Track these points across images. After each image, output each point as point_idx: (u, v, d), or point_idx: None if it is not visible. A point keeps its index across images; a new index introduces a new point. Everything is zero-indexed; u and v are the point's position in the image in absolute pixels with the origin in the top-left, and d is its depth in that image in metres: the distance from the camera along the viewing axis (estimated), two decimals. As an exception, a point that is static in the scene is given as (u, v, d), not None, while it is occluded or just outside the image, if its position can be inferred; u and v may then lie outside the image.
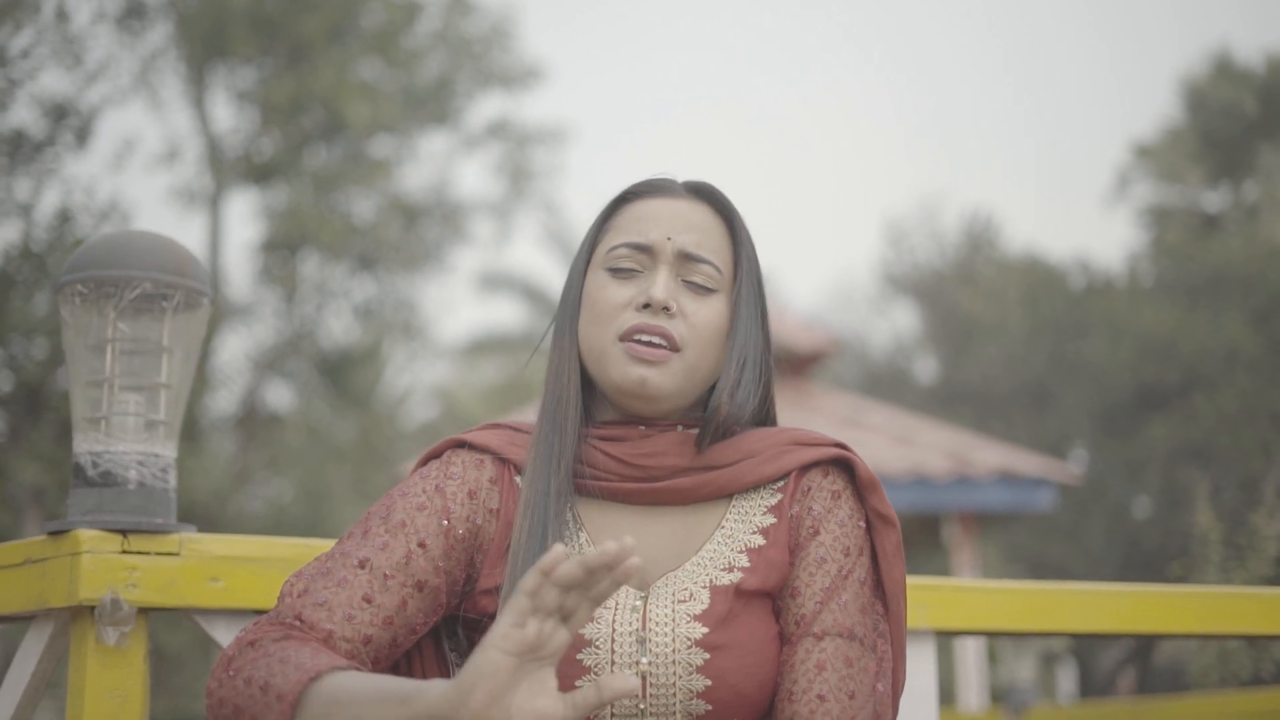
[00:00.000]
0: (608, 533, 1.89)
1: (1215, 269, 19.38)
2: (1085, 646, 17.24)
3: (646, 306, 1.87)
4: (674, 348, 1.87)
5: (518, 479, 1.92)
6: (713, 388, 1.95)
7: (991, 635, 2.86)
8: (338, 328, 17.98)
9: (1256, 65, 23.06)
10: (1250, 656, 7.51)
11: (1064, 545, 18.24)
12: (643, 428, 1.91)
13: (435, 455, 1.97)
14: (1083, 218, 51.31)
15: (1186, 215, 23.09)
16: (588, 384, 1.96)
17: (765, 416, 2.01)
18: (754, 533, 1.88)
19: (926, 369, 26.02)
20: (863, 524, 1.92)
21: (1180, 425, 17.64)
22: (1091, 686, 18.16)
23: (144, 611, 2.25)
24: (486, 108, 18.95)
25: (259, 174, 16.64)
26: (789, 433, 1.95)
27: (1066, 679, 17.45)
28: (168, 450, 2.34)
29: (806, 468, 1.93)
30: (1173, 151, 23.24)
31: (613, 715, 1.78)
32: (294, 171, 16.63)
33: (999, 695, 11.79)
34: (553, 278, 23.23)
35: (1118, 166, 24.47)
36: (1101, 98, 52.89)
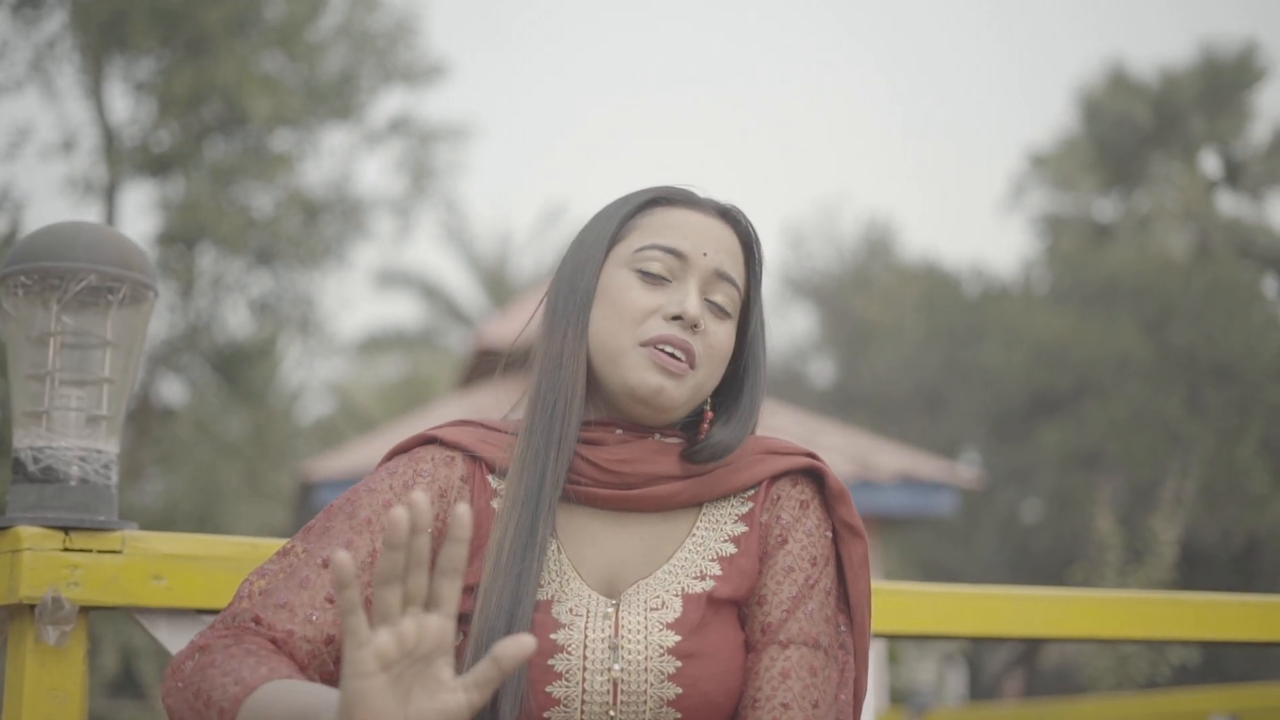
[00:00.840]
0: (578, 538, 1.87)
1: (1108, 277, 19.66)
2: (975, 649, 17.43)
3: (676, 319, 1.86)
4: (692, 365, 1.86)
5: (490, 478, 1.90)
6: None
7: (929, 638, 2.88)
8: (234, 322, 17.79)
9: (1150, 77, 23.41)
10: (1148, 660, 7.65)
11: (956, 549, 18.43)
12: (620, 432, 1.90)
13: (403, 451, 1.93)
14: (979, 225, 51.89)
15: (1080, 224, 23.40)
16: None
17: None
18: (725, 541, 1.88)
19: (823, 372, 26.17)
20: (829, 534, 1.92)
21: (1072, 431, 17.87)
22: (979, 689, 18.36)
23: (85, 610, 2.21)
24: (389, 103, 18.82)
25: (156, 165, 16.41)
26: (761, 441, 1.96)
27: (956, 681, 17.64)
28: (110, 446, 2.30)
29: (776, 477, 1.93)
30: (1068, 160, 23.55)
31: (582, 719, 1.77)
32: (192, 164, 16.40)
33: (898, 697, 11.88)
34: (450, 275, 23.17)
35: (1013, 175, 24.75)
36: (999, 106, 53.51)
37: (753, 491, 1.92)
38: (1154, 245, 21.52)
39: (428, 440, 1.93)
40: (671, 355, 1.84)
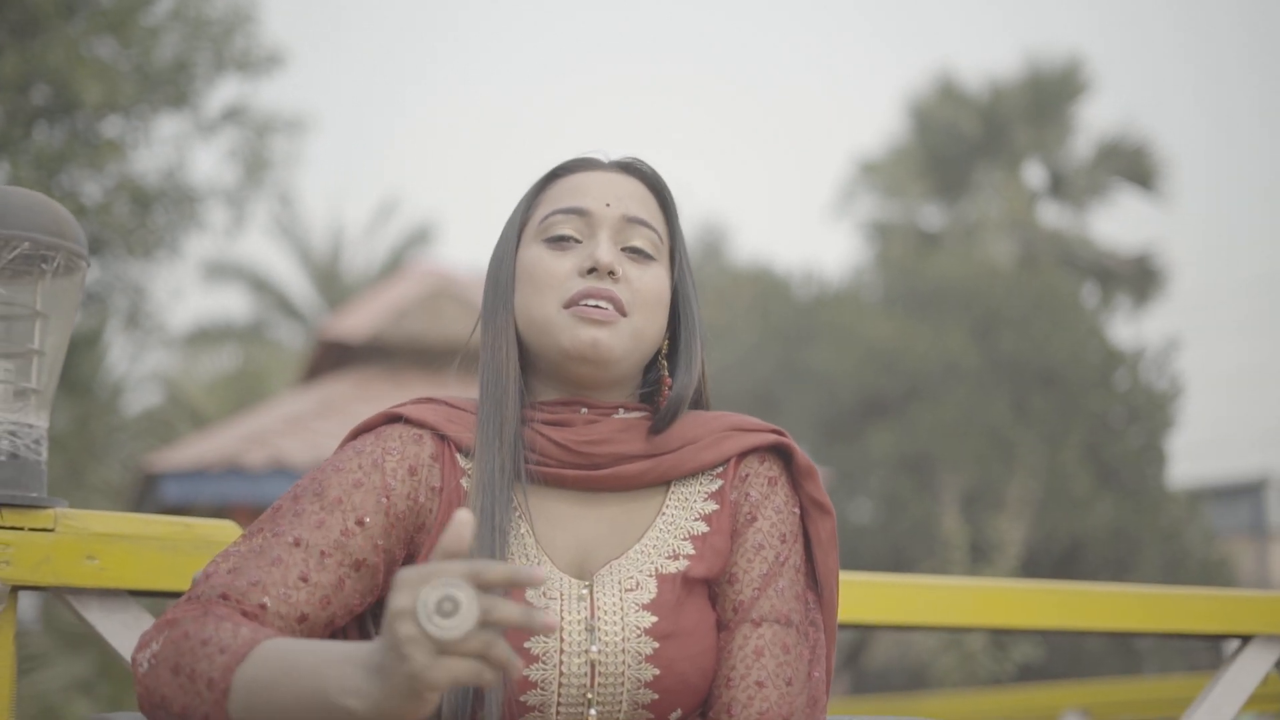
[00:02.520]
0: (548, 520, 1.85)
1: (936, 284, 19.97)
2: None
3: (591, 271, 1.84)
4: (621, 312, 1.84)
5: (459, 456, 1.87)
6: (649, 365, 1.94)
7: (864, 628, 2.89)
8: (59, 312, 17.37)
9: (978, 88, 23.84)
10: (992, 657, 7.80)
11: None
12: (585, 411, 1.88)
13: (368, 429, 1.90)
14: (811, 229, 52.52)
15: (908, 231, 23.75)
16: (527, 364, 1.92)
17: (700, 392, 2.00)
18: (697, 519, 1.88)
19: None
20: (798, 510, 1.92)
21: (901, 434, 18.13)
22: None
23: (15, 590, 2.14)
24: (224, 92, 18.47)
25: (-19, 149, 15.99)
26: (727, 418, 1.95)
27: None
28: (40, 421, 2.22)
29: (744, 453, 1.92)
30: (897, 168, 23.89)
31: (559, 705, 1.75)
32: (20, 149, 16.00)
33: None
34: (282, 270, 22.88)
35: (843, 180, 25.07)
36: (831, 111, 54.21)
37: (721, 469, 1.91)
38: (980, 253, 21.92)
39: (393, 418, 1.90)
40: (595, 306, 1.82)
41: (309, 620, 1.73)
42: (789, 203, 52.53)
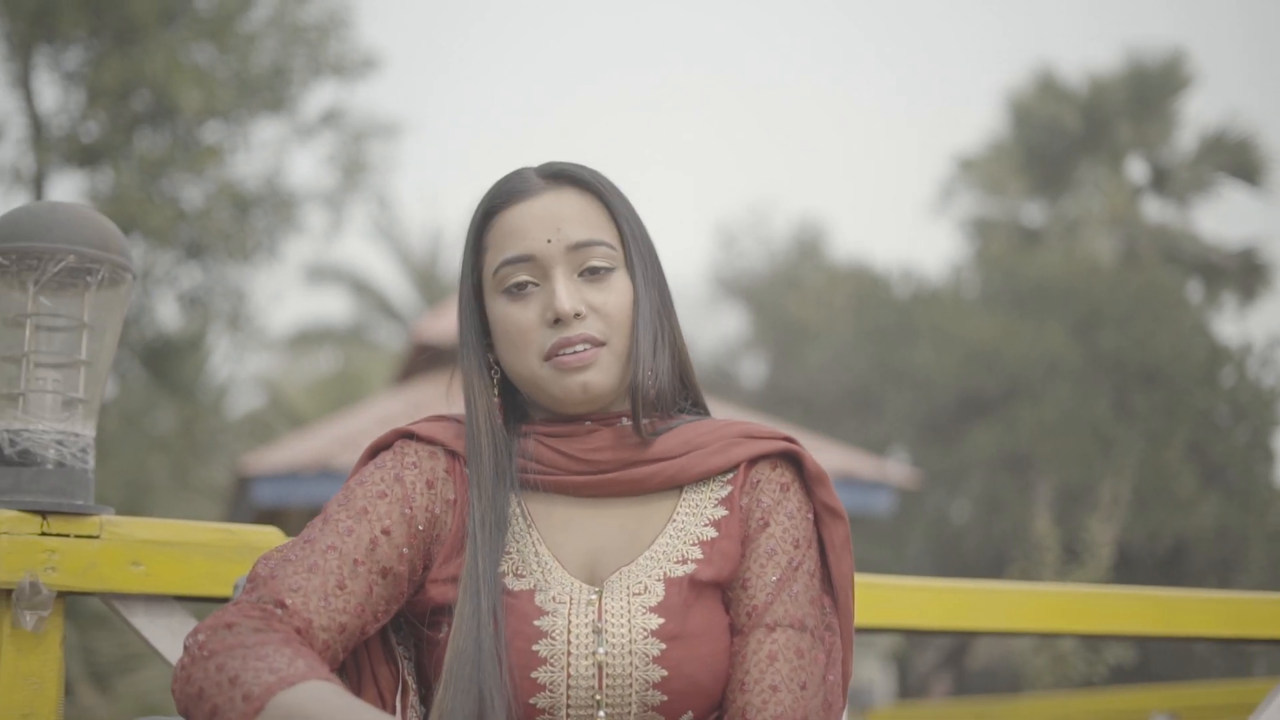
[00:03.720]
0: (557, 527, 1.88)
1: (1036, 281, 19.78)
2: (905, 648, 17.53)
3: (558, 321, 1.86)
4: (599, 343, 1.87)
5: (468, 470, 1.91)
6: None
7: (904, 632, 2.88)
8: (163, 315, 17.63)
9: (1078, 83, 23.57)
10: (1084, 659, 7.73)
11: (886, 549, 18.51)
12: (589, 423, 1.90)
13: (384, 446, 1.94)
14: (909, 227, 52.20)
15: (1008, 228, 23.52)
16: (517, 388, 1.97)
17: (690, 388, 2.00)
18: (706, 525, 1.89)
19: (753, 373, 26.23)
20: (810, 516, 1.93)
21: (1001, 433, 17.97)
22: (908, 689, 18.46)
23: (62, 595, 2.18)
24: (321, 97, 18.66)
25: (85, 156, 16.25)
26: (737, 425, 1.96)
27: (885, 680, 17.73)
28: (87, 430, 2.26)
29: (754, 460, 1.93)
30: (996, 164, 23.66)
31: (569, 707, 1.76)
32: (121, 155, 16.26)
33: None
34: (381, 271, 23.05)
35: (942, 178, 24.87)
36: (928, 109, 53.86)
37: (731, 474, 1.93)
38: (1081, 250, 21.67)
39: (406, 435, 1.94)
40: (572, 353, 1.85)
41: (347, 630, 1.77)
42: (887, 201, 52.26)
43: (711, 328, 27.69)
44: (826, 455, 10.95)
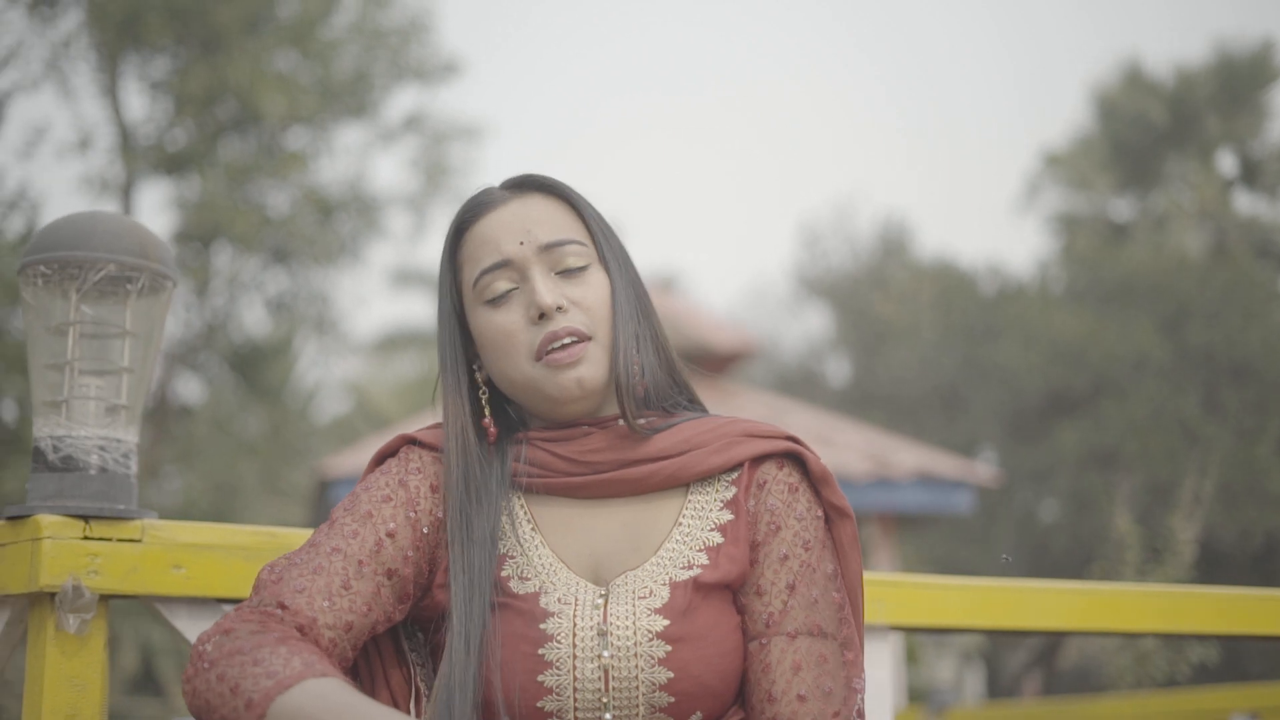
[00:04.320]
0: (560, 529, 1.90)
1: (1124, 277, 19.60)
2: (993, 649, 17.40)
3: (542, 317, 1.88)
4: (585, 338, 1.88)
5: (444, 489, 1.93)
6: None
7: (952, 631, 2.86)
8: (250, 321, 17.82)
9: (1165, 76, 23.33)
10: (1166, 658, 7.63)
11: (974, 548, 18.41)
12: (584, 426, 1.92)
13: (390, 453, 1.97)
14: (994, 224, 51.83)
15: (1095, 223, 23.33)
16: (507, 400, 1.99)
17: (681, 385, 2.00)
18: (712, 529, 1.89)
19: (838, 371, 26.16)
20: (821, 515, 1.93)
21: (1089, 431, 17.82)
22: (998, 688, 18.32)
23: (105, 599, 2.21)
24: (403, 101, 18.79)
25: (172, 164, 16.44)
26: (738, 423, 1.96)
27: (974, 681, 17.59)
28: (129, 435, 2.30)
29: (758, 460, 1.93)
30: (1082, 160, 23.47)
31: (576, 710, 1.77)
32: (207, 162, 16.43)
33: (917, 695, 11.86)
34: (466, 275, 23.10)
35: (1028, 174, 24.70)
36: (1013, 105, 53.45)
37: (735, 474, 1.93)
38: (1170, 245, 21.45)
39: (410, 441, 1.97)
40: (562, 348, 1.87)
41: (355, 629, 1.79)
42: (973, 198, 51.91)
43: (796, 328, 27.65)
44: (906, 455, 10.91)
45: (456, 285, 1.97)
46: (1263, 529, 16.43)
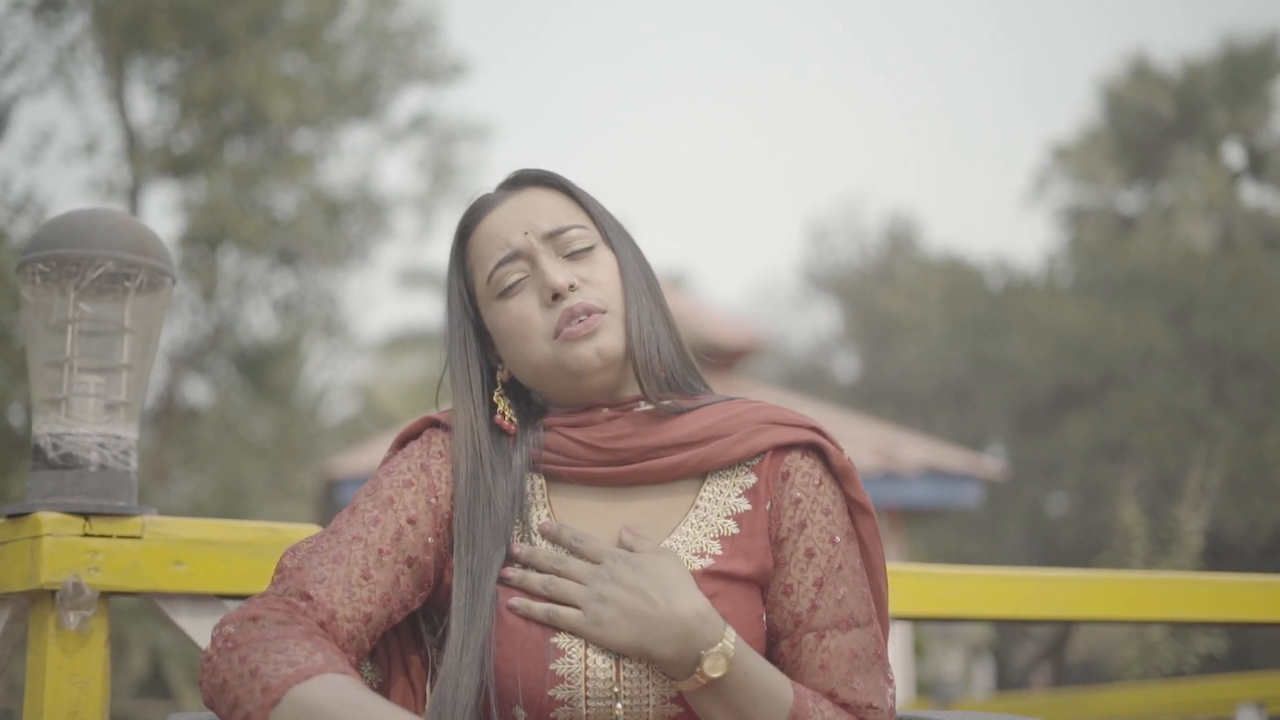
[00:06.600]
0: (580, 518, 1.89)
1: (1132, 269, 19.57)
2: (1002, 641, 17.39)
3: (555, 298, 1.88)
4: (599, 311, 1.88)
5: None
6: None
7: (958, 621, 2.87)
8: (257, 323, 17.83)
9: (1172, 69, 23.31)
10: (1173, 649, 7.63)
11: (982, 541, 18.40)
12: (606, 410, 1.91)
13: (414, 435, 1.96)
14: (1001, 218, 51.80)
15: (1103, 216, 23.30)
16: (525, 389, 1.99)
17: (687, 359, 1.99)
18: (728, 518, 1.88)
19: (846, 367, 26.15)
20: (845, 509, 1.91)
21: (1097, 423, 17.80)
22: (1007, 681, 18.32)
23: (105, 595, 2.22)
24: (410, 102, 18.76)
25: (178, 167, 16.45)
26: (762, 409, 1.94)
27: (983, 674, 17.58)
28: (129, 432, 2.31)
29: (780, 449, 1.92)
30: (1090, 153, 23.44)
31: (588, 699, 1.77)
32: (214, 165, 16.44)
33: (924, 688, 11.86)
34: (474, 274, 23.10)
35: (1035, 167, 24.68)
36: (1020, 99, 53.41)
37: (756, 462, 1.91)
38: (1178, 237, 21.42)
39: (433, 423, 1.97)
40: (578, 323, 1.86)
41: (373, 620, 1.79)
42: (980, 192, 51.84)
43: (804, 323, 27.64)
44: (913, 449, 10.91)
45: (468, 288, 1.98)
46: (1270, 520, 16.40)
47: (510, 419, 1.94)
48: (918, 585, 2.68)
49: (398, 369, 22.34)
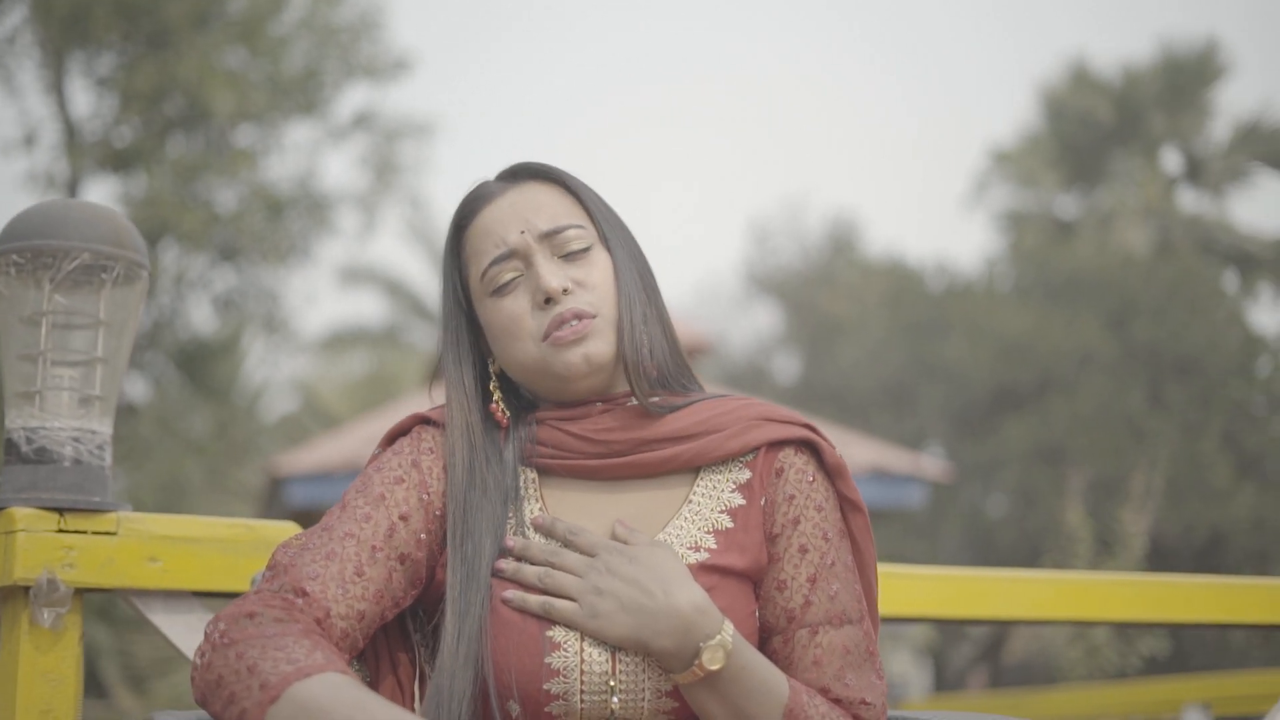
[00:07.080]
0: (573, 512, 1.88)
1: (1070, 273, 19.71)
2: (941, 643, 17.48)
3: (548, 301, 1.87)
4: (590, 316, 1.87)
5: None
6: None
7: (908, 621, 2.87)
8: (197, 319, 17.71)
9: (1111, 75, 23.49)
10: (1117, 651, 7.70)
11: (923, 542, 18.49)
12: (598, 404, 1.90)
13: (403, 432, 1.95)
14: (942, 221, 52.09)
15: (1042, 220, 23.46)
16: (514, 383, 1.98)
17: (681, 358, 1.99)
18: (721, 512, 1.88)
19: (786, 369, 26.21)
20: (837, 506, 1.91)
21: (1036, 426, 17.91)
22: (944, 683, 18.42)
23: (80, 592, 2.19)
24: (353, 99, 18.69)
25: (118, 161, 16.33)
26: (754, 405, 1.94)
27: (921, 675, 17.68)
28: (104, 427, 2.28)
29: (774, 446, 1.92)
30: (1030, 157, 23.59)
31: (583, 693, 1.76)
32: (154, 159, 16.33)
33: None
34: (415, 272, 23.08)
35: (976, 171, 24.82)
36: (961, 103, 53.72)
37: (750, 458, 1.91)
38: (1116, 242, 21.59)
39: (423, 420, 1.95)
40: (569, 329, 1.85)
41: (366, 618, 1.78)
42: (921, 195, 52.14)
43: (745, 324, 27.69)
44: (859, 450, 10.94)
45: (463, 281, 1.97)
46: (1206, 523, 16.56)
47: (504, 410, 1.93)
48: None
49: (339, 366, 22.23)
